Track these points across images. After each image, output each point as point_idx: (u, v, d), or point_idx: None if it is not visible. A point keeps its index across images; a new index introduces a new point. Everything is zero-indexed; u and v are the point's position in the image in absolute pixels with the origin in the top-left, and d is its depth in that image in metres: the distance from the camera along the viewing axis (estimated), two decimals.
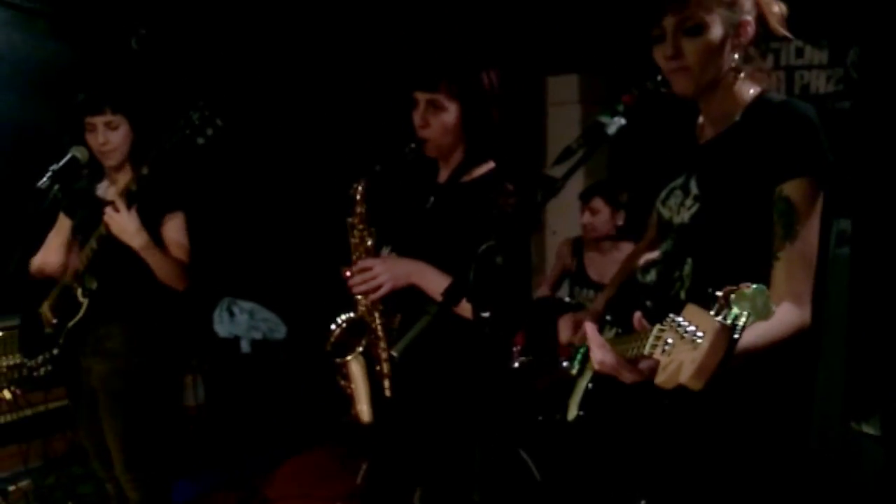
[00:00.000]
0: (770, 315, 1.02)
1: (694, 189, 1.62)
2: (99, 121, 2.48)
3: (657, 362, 1.18)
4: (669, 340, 1.15)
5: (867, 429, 2.94)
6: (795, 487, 1.60)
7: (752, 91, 1.58)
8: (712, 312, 1.06)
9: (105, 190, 2.63)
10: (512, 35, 4.25)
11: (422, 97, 1.97)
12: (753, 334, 1.25)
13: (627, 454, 2.66)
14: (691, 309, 1.13)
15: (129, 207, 2.36)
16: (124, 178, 2.54)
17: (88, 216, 2.53)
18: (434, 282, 1.88)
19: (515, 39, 4.27)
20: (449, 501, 2.02)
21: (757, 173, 1.48)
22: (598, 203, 3.52)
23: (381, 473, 2.29)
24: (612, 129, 1.47)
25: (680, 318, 1.13)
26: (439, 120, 1.96)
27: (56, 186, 2.45)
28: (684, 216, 1.63)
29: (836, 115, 3.40)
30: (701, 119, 1.72)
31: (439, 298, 1.43)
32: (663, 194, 1.74)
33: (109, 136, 2.50)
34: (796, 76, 3.51)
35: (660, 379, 1.15)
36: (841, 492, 3.02)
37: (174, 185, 2.57)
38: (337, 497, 3.59)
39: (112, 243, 2.40)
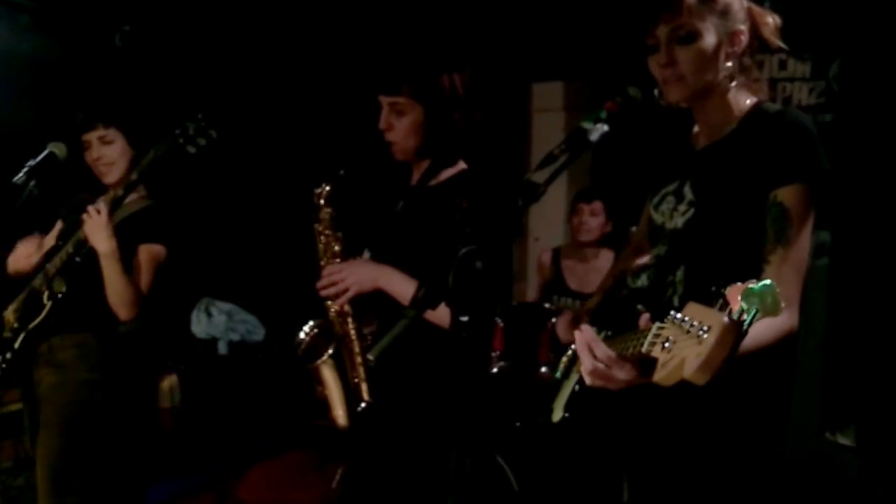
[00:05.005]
0: (779, 311, 1.01)
1: (689, 195, 1.62)
2: (92, 136, 2.43)
3: (655, 360, 1.17)
4: (670, 337, 1.13)
5: (842, 440, 2.95)
6: (769, 496, 1.60)
7: (748, 101, 1.60)
8: (718, 308, 1.06)
9: None
10: (497, 42, 4.25)
11: (385, 101, 2.00)
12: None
13: (606, 460, 2.66)
14: (693, 307, 1.12)
15: (110, 214, 2.31)
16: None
17: (75, 223, 2.44)
18: (400, 285, 1.90)
19: (501, 46, 4.27)
20: None
21: (752, 179, 1.50)
22: (598, 206, 3.57)
23: (358, 480, 2.27)
24: (594, 136, 1.47)
25: (681, 315, 1.12)
26: (402, 123, 1.98)
27: (32, 182, 2.39)
28: (678, 221, 1.64)
29: (818, 128, 3.41)
30: (696, 128, 1.72)
31: (405, 303, 1.42)
32: (656, 200, 1.74)
33: (104, 151, 2.44)
34: (779, 88, 3.53)
35: (659, 375, 1.14)
36: (816, 502, 3.03)
37: (165, 216, 2.50)
38: (311, 501, 3.56)
39: (87, 250, 2.33)
